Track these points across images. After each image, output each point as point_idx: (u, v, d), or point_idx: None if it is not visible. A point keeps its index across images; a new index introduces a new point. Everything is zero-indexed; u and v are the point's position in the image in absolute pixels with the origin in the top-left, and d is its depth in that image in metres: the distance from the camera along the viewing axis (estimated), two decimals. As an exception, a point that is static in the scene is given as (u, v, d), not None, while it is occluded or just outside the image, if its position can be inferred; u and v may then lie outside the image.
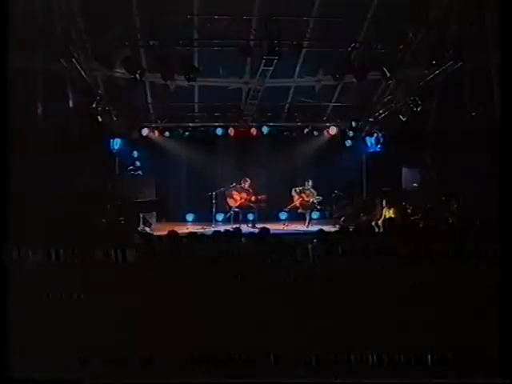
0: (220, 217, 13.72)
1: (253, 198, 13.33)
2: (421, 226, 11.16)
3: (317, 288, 4.96)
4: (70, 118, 11.92)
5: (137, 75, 10.98)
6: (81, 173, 11.71)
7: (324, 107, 14.74)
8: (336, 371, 3.82)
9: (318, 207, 13.67)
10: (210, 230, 11.83)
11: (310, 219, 13.44)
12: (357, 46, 11.45)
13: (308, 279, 5.16)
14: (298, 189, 13.54)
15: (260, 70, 11.60)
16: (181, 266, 5.50)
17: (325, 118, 15.08)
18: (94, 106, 12.05)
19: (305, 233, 12.00)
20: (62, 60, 10.52)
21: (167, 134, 14.70)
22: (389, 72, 11.54)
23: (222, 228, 11.20)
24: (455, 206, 11.94)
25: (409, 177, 14.48)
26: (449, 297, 4.76)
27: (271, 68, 11.35)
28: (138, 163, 14.26)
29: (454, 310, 4.57)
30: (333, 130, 15.14)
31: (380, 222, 12.00)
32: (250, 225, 13.00)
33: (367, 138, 15.31)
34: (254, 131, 14.73)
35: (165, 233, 7.66)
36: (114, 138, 13.97)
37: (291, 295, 4.77)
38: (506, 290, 4.36)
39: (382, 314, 4.46)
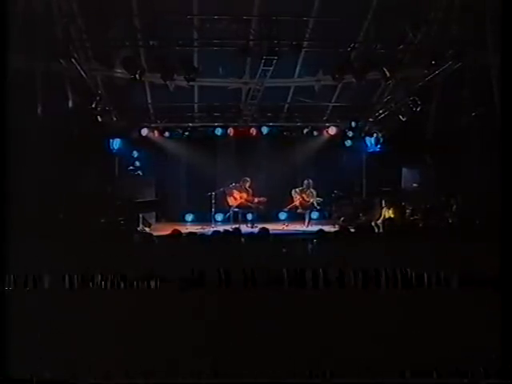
0: (219, 217, 13.68)
1: (255, 200, 13.28)
2: (420, 225, 11.19)
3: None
4: (70, 118, 11.92)
5: (137, 75, 10.99)
6: (80, 173, 11.70)
7: (324, 107, 14.71)
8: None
9: (318, 207, 13.64)
10: (209, 230, 11.85)
11: (310, 219, 13.41)
12: (357, 46, 11.45)
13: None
14: (297, 189, 13.50)
15: (260, 70, 11.58)
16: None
17: (325, 118, 15.05)
18: (93, 106, 12.03)
19: (304, 233, 11.99)
20: (61, 60, 10.52)
21: (167, 134, 14.68)
22: (389, 72, 11.53)
23: (221, 228, 11.22)
24: (455, 206, 11.93)
25: (409, 177, 14.45)
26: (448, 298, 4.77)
27: (271, 68, 11.34)
28: (137, 163, 14.25)
29: (454, 310, 4.57)
30: (332, 130, 15.10)
31: (379, 222, 12.02)
32: (249, 225, 12.98)
33: (367, 138, 15.27)
34: (253, 131, 14.70)
35: (165, 233, 7.68)
36: (113, 138, 13.94)
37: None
38: (505, 290, 4.36)
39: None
